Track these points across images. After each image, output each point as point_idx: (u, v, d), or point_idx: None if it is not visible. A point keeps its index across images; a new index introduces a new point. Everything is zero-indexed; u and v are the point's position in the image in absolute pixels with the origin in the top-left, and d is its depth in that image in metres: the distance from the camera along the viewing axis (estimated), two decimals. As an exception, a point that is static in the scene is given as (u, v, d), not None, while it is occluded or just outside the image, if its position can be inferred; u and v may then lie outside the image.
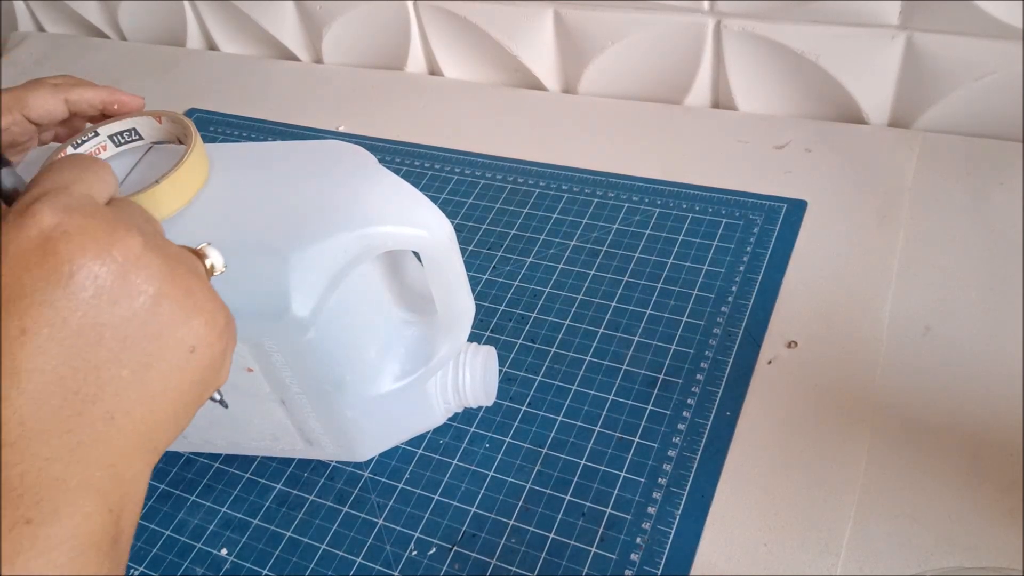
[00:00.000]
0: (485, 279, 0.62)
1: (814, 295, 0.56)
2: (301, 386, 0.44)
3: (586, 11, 0.73)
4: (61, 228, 0.24)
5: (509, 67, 0.81)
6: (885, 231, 0.59)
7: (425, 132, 0.77)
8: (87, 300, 0.24)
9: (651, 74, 0.75)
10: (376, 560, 0.47)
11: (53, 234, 0.23)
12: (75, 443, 0.23)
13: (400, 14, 0.82)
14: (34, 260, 0.23)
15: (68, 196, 0.24)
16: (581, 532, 0.47)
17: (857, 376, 0.51)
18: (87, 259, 0.24)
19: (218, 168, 0.42)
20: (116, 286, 0.24)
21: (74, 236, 0.24)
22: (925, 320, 0.53)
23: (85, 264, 0.24)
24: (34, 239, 0.23)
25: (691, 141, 0.70)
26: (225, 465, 0.53)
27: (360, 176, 0.43)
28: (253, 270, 0.39)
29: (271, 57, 0.94)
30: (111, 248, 0.24)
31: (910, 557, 0.43)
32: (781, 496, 0.46)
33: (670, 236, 0.62)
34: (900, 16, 0.62)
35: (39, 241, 0.23)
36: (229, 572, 0.48)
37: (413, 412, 0.49)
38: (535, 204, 0.67)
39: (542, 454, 0.51)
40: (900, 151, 0.65)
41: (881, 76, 0.66)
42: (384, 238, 0.40)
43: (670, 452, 0.49)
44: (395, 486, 0.51)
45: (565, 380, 0.54)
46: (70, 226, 0.24)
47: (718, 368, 0.53)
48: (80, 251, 0.24)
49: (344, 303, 0.42)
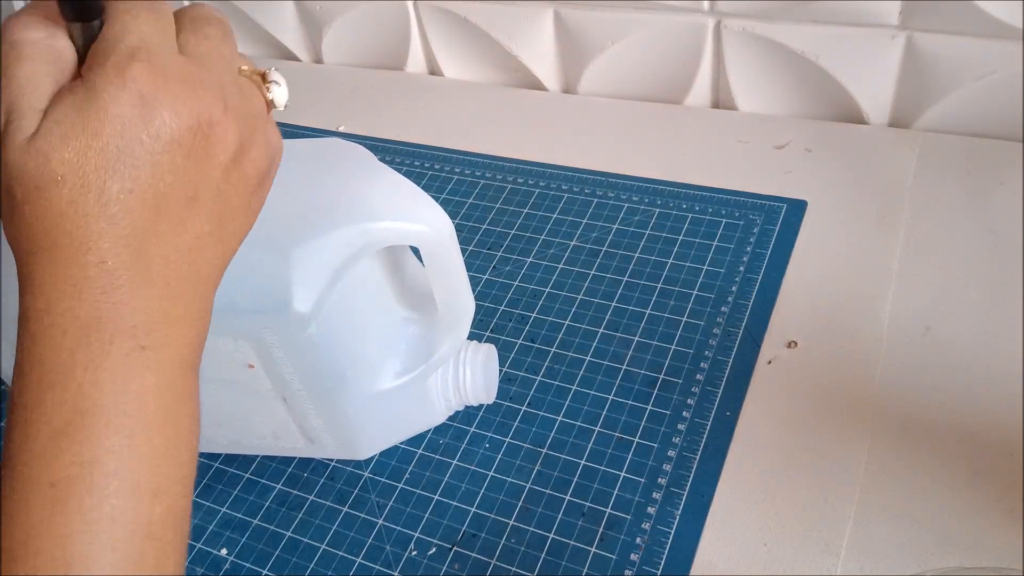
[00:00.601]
0: (485, 279, 0.62)
1: (814, 295, 0.56)
2: (302, 382, 0.44)
3: (586, 11, 0.73)
4: (157, 92, 0.25)
5: (509, 67, 0.81)
6: (885, 231, 0.59)
7: (425, 132, 0.77)
8: (179, 162, 0.26)
9: (651, 74, 0.75)
10: (376, 560, 0.47)
11: (152, 100, 0.25)
12: (173, 281, 0.26)
13: (400, 14, 0.82)
14: (133, 122, 0.25)
15: (158, 56, 0.26)
16: (581, 532, 0.47)
17: (857, 376, 0.51)
18: (180, 124, 0.25)
19: None
20: (199, 149, 0.26)
21: (166, 101, 0.25)
22: (925, 320, 0.53)
23: (178, 129, 0.25)
24: (135, 103, 0.25)
25: (691, 141, 0.70)
26: (225, 465, 0.53)
27: (361, 173, 0.43)
28: (254, 265, 0.39)
29: (271, 57, 0.94)
30: (199, 114, 0.26)
31: (910, 557, 0.43)
32: (781, 496, 0.46)
33: (670, 236, 0.62)
34: (900, 16, 0.62)
35: (140, 106, 0.25)
36: (229, 572, 0.48)
37: (414, 410, 0.49)
38: (535, 204, 0.67)
39: (542, 454, 0.51)
40: (900, 151, 0.65)
41: (881, 76, 0.66)
42: (385, 233, 0.41)
43: (670, 452, 0.49)
44: (395, 486, 0.51)
45: (565, 380, 0.54)
46: (166, 91, 0.25)
47: (718, 368, 0.53)
48: (174, 116, 0.25)
49: (345, 299, 0.42)
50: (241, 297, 0.40)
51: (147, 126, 0.25)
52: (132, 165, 0.25)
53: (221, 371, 0.44)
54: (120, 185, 0.25)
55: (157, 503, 0.25)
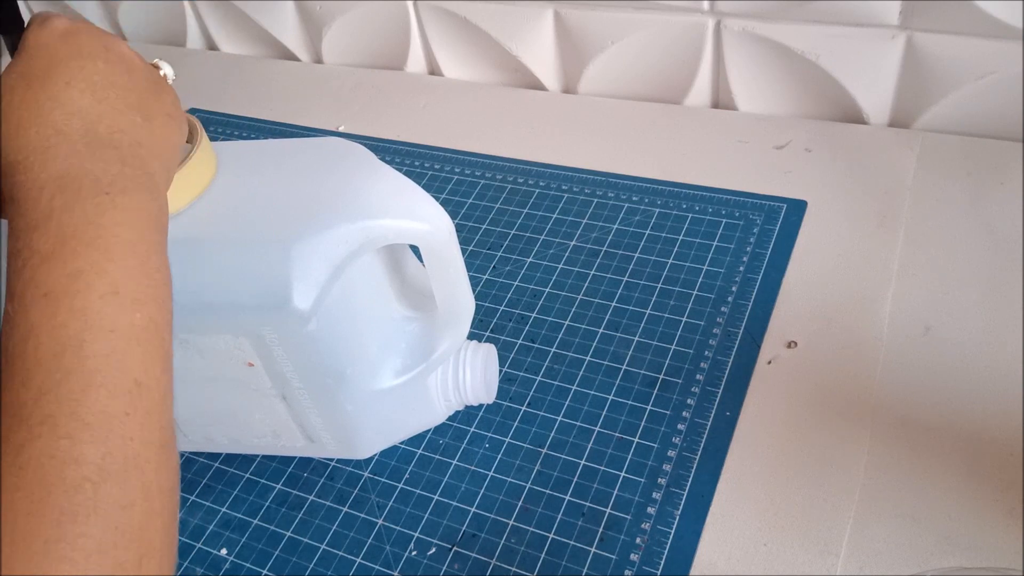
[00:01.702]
0: (485, 279, 0.62)
1: (814, 295, 0.56)
2: (302, 380, 0.44)
3: (586, 11, 0.73)
4: (76, 26, 0.35)
5: (509, 67, 0.81)
6: (885, 231, 0.59)
7: (425, 132, 0.77)
8: (101, 67, 0.34)
9: (651, 74, 0.75)
10: (376, 560, 0.47)
11: (72, 28, 0.35)
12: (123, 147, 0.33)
13: (400, 14, 0.82)
14: (62, 43, 0.34)
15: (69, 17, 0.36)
16: (581, 532, 0.47)
17: (857, 376, 0.51)
18: (96, 44, 0.35)
19: (223, 165, 0.43)
20: (116, 62, 0.35)
21: (84, 30, 0.35)
22: (925, 320, 0.53)
23: (96, 47, 0.34)
24: (60, 31, 0.34)
25: (691, 141, 0.70)
26: (225, 465, 0.53)
27: (361, 171, 0.43)
28: (255, 262, 0.39)
29: (271, 57, 0.94)
30: (107, 41, 0.35)
31: (910, 557, 0.43)
32: (781, 496, 0.46)
33: (670, 236, 0.62)
34: (900, 16, 0.62)
35: (64, 32, 0.34)
36: (229, 572, 0.48)
37: (414, 409, 0.49)
38: (535, 204, 0.67)
39: (542, 454, 0.51)
40: (900, 151, 0.65)
41: (881, 76, 0.66)
42: (385, 230, 0.41)
43: (670, 452, 0.49)
44: (395, 486, 0.50)
45: (565, 380, 0.54)
46: (81, 26, 0.35)
47: (718, 368, 0.53)
48: (90, 38, 0.35)
49: (345, 297, 0.42)
50: (241, 293, 0.40)
51: (68, 44, 0.34)
52: (66, 70, 0.33)
53: (221, 369, 0.44)
54: (59, 81, 0.33)
55: (136, 310, 0.29)
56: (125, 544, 0.25)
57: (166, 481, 0.27)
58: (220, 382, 0.45)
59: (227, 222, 0.41)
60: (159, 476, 0.27)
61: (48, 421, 0.25)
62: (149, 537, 0.26)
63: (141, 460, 0.26)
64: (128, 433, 0.26)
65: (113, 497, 0.25)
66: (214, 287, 0.40)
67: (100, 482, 0.25)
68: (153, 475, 0.27)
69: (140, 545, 0.26)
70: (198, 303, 0.40)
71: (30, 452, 0.24)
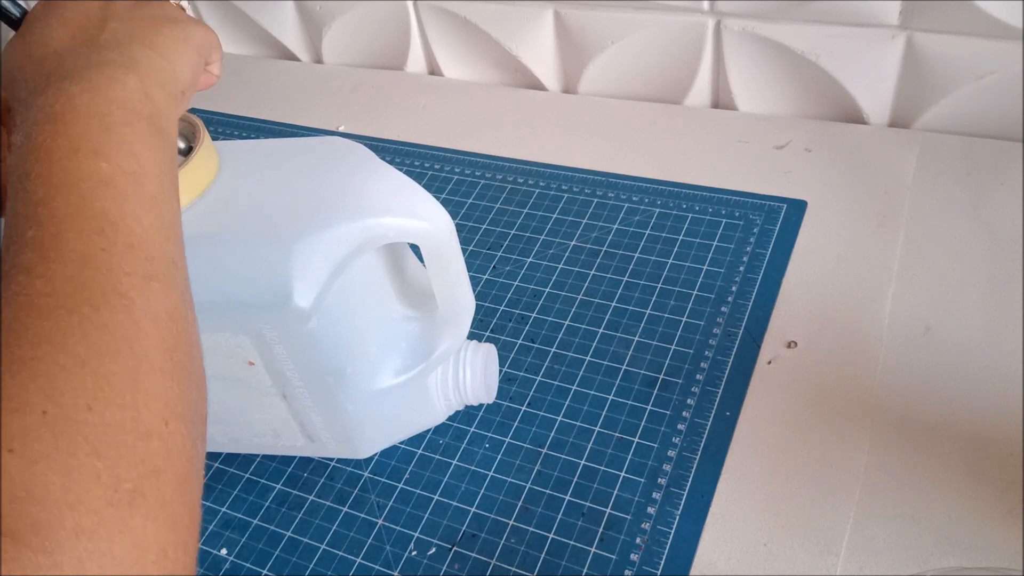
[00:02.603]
0: (485, 279, 0.62)
1: (814, 295, 0.56)
2: (302, 379, 0.44)
3: (586, 11, 0.73)
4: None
5: (509, 67, 0.81)
6: (885, 231, 0.59)
7: (425, 132, 0.77)
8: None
9: (651, 74, 0.75)
10: (376, 560, 0.47)
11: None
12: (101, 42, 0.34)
13: (400, 14, 0.82)
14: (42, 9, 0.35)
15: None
16: (581, 532, 0.47)
17: (857, 376, 0.51)
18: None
19: (224, 165, 0.43)
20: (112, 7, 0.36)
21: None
22: (925, 320, 0.53)
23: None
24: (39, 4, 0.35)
25: (691, 141, 0.70)
26: (225, 465, 0.53)
27: (361, 170, 0.43)
28: (256, 260, 0.40)
29: (271, 57, 0.94)
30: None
31: (910, 557, 0.43)
32: (781, 496, 0.46)
33: (670, 236, 0.62)
34: (900, 16, 0.62)
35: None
36: (229, 572, 0.48)
37: (414, 409, 0.49)
38: (535, 204, 0.67)
39: (542, 454, 0.51)
40: (900, 151, 0.65)
41: (881, 76, 0.66)
42: (385, 229, 0.41)
43: (670, 452, 0.49)
44: (395, 486, 0.50)
45: (565, 380, 0.54)
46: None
47: (718, 368, 0.53)
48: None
49: (346, 295, 0.42)
50: (242, 291, 0.40)
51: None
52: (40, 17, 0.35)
53: (221, 368, 0.44)
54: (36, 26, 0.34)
55: (101, 160, 0.29)
56: (110, 358, 0.25)
57: (161, 309, 0.27)
58: (220, 381, 0.45)
59: (228, 221, 0.41)
60: (149, 303, 0.27)
61: (22, 267, 0.26)
62: (139, 351, 0.26)
63: (124, 287, 0.27)
64: (105, 266, 0.27)
65: (92, 319, 0.25)
66: (215, 285, 0.40)
67: (74, 308, 0.25)
68: (144, 302, 0.27)
69: (131, 357, 0.26)
70: (199, 301, 0.40)
71: (6, 295, 0.25)
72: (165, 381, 0.26)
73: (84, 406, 0.23)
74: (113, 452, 0.23)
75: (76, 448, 0.23)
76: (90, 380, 0.24)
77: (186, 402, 0.27)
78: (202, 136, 0.42)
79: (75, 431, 0.23)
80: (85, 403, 0.24)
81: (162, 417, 0.25)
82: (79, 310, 0.25)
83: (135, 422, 0.24)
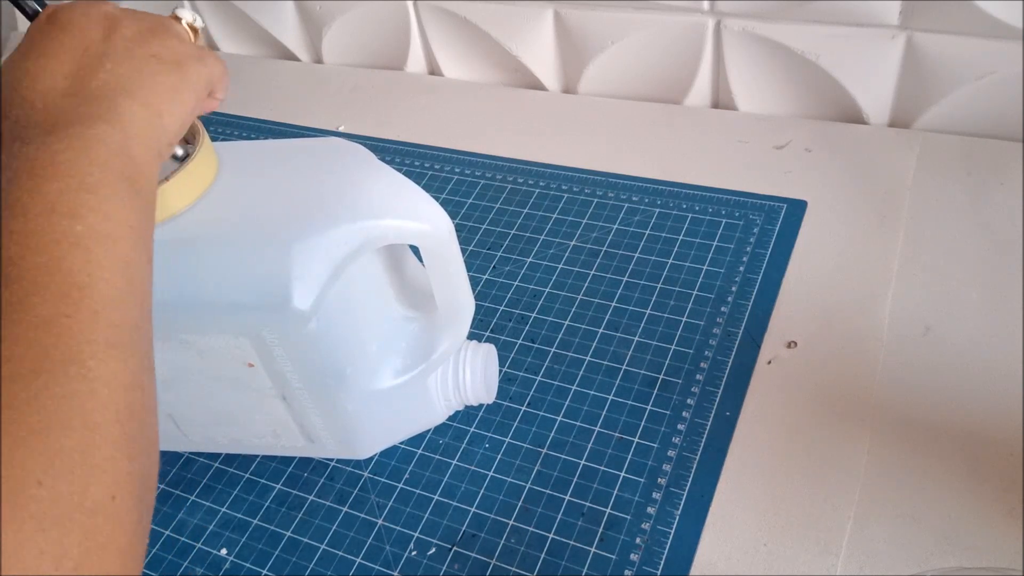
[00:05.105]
0: (485, 279, 0.62)
1: (814, 295, 0.56)
2: (302, 380, 0.44)
3: (586, 11, 0.73)
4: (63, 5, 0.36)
5: (509, 67, 0.81)
6: (885, 231, 0.59)
7: (425, 132, 0.77)
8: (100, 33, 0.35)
9: (651, 74, 0.75)
10: (376, 560, 0.47)
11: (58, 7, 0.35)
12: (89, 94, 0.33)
13: (400, 14, 0.82)
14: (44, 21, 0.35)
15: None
16: (581, 532, 0.47)
17: (857, 376, 0.51)
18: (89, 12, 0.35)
19: (224, 166, 0.43)
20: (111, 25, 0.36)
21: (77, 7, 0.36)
22: (925, 320, 0.53)
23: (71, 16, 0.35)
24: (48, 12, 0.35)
25: (691, 141, 0.70)
26: (225, 465, 0.53)
27: (361, 171, 0.43)
28: (255, 262, 0.40)
29: (271, 57, 0.94)
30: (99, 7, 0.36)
31: (910, 557, 0.43)
32: (781, 496, 0.46)
33: (670, 236, 0.62)
34: (900, 16, 0.62)
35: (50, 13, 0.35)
36: (229, 572, 0.48)
37: (414, 409, 0.49)
38: (535, 204, 0.67)
39: (542, 454, 0.51)
40: (900, 151, 0.65)
41: (881, 76, 0.66)
42: (385, 230, 0.41)
43: (670, 452, 0.49)
44: (395, 486, 0.51)
45: (565, 380, 0.54)
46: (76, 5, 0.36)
47: (718, 368, 0.53)
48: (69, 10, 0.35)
49: (345, 296, 0.42)
50: (241, 293, 0.40)
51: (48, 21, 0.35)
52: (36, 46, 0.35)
53: (221, 369, 0.44)
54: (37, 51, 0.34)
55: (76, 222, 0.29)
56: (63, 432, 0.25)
57: (118, 379, 0.27)
58: (220, 382, 0.45)
59: (228, 222, 0.41)
60: (107, 372, 0.27)
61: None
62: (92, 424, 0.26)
63: (84, 356, 0.26)
64: (67, 332, 0.27)
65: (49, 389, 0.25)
66: (214, 287, 0.40)
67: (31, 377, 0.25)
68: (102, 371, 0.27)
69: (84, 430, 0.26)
70: (198, 303, 0.40)
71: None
72: (116, 454, 0.26)
73: (35, 481, 0.23)
74: (59, 529, 0.23)
75: (22, 524, 0.23)
76: (42, 453, 0.24)
77: (135, 474, 0.27)
78: (202, 137, 0.42)
79: (24, 507, 0.23)
80: (36, 478, 0.24)
81: (110, 492, 0.25)
82: (37, 380, 0.25)
83: (83, 497, 0.24)
